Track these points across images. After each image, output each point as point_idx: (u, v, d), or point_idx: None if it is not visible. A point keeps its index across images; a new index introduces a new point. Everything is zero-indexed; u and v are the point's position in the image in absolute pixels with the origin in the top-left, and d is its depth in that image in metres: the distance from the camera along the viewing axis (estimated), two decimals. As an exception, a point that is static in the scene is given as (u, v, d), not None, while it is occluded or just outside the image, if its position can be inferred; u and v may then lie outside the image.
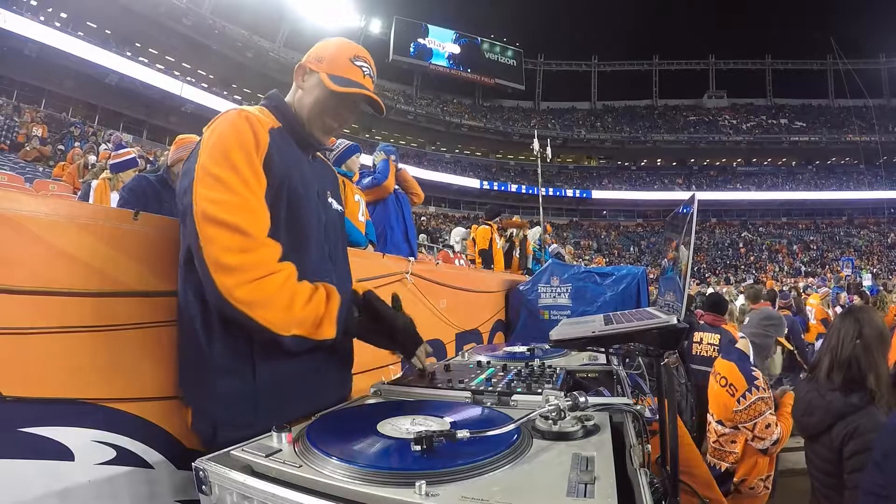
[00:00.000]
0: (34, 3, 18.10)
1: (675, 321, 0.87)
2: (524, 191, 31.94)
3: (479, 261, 5.83)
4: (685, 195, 1.05)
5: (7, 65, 16.55)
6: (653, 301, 2.83)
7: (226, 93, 23.94)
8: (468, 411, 0.87)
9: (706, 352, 3.76)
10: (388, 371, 1.98)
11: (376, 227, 3.23)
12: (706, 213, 33.81)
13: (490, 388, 1.00)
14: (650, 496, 0.61)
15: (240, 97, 25.10)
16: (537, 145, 7.85)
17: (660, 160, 36.47)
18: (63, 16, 19.12)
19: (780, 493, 2.50)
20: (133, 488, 0.94)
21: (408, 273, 2.31)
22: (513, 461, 0.63)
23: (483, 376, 1.12)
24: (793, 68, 37.53)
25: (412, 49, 33.00)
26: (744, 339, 2.63)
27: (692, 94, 38.36)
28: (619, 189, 34.38)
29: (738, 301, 8.07)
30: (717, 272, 25.95)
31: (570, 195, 33.31)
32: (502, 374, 1.15)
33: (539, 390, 0.95)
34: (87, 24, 19.80)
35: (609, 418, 0.81)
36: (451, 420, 0.80)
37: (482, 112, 35.22)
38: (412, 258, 2.66)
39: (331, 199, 1.22)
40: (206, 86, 23.12)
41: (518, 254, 6.55)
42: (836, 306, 7.67)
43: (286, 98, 1.17)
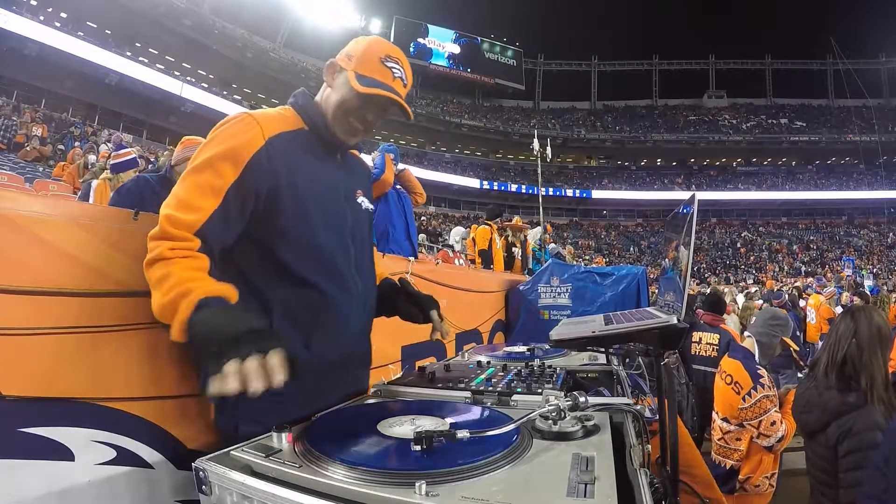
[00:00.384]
0: (34, 3, 18.11)
1: (676, 321, 0.87)
2: (524, 191, 31.95)
3: (478, 261, 5.83)
4: (685, 195, 1.05)
5: (7, 65, 16.54)
6: (653, 301, 2.83)
7: (226, 93, 23.93)
8: (468, 411, 0.87)
9: (706, 351, 3.76)
10: (388, 371, 1.98)
11: (378, 225, 3.24)
12: (706, 213, 33.81)
13: (490, 389, 1.00)
14: (650, 496, 0.61)
15: (240, 97, 25.10)
16: (537, 145, 7.86)
17: (660, 160, 36.47)
18: (63, 16, 19.12)
19: (780, 492, 2.49)
20: (133, 488, 0.94)
21: (408, 273, 2.31)
22: (513, 461, 0.63)
23: (483, 376, 1.12)
24: (793, 68, 37.55)
25: (412, 49, 32.99)
26: (749, 338, 2.64)
27: (692, 93, 38.38)
28: (619, 189, 34.37)
29: (739, 298, 8.09)
30: (717, 272, 25.96)
31: (570, 195, 33.32)
32: (502, 374, 1.15)
33: (539, 390, 0.95)
34: (87, 24, 19.80)
35: (609, 418, 0.81)
36: (451, 420, 0.80)
37: (482, 112, 35.22)
38: (413, 258, 2.67)
39: (361, 198, 1.19)
40: (206, 86, 23.11)
41: (520, 256, 6.55)
42: (838, 306, 7.68)
43: (316, 97, 1.13)
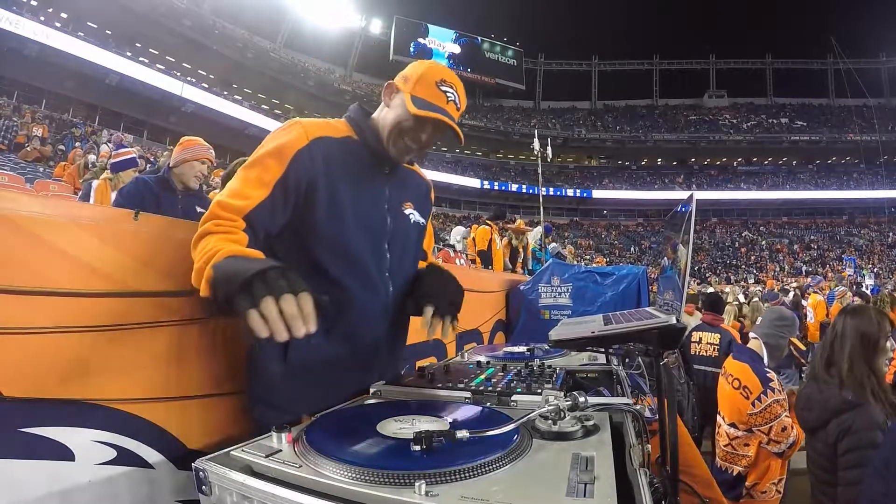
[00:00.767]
0: (34, 3, 18.12)
1: (675, 320, 0.87)
2: (524, 190, 31.95)
3: (478, 261, 5.83)
4: (685, 195, 1.05)
5: (7, 65, 16.55)
6: (653, 301, 2.82)
7: (226, 93, 23.94)
8: (468, 411, 0.87)
9: (705, 351, 3.76)
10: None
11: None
12: (706, 213, 33.80)
13: (490, 389, 1.00)
14: (650, 496, 0.61)
15: (240, 97, 25.10)
16: (538, 145, 7.85)
17: (660, 160, 36.46)
18: (63, 16, 19.13)
19: (783, 493, 2.47)
20: (133, 488, 0.94)
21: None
22: (512, 461, 0.63)
23: (483, 376, 1.12)
24: (793, 68, 37.54)
25: (412, 49, 33.01)
26: (756, 339, 2.51)
27: (692, 93, 38.38)
28: (620, 189, 34.37)
29: (741, 298, 8.09)
30: (718, 272, 25.95)
31: (571, 195, 33.31)
32: (502, 374, 1.15)
33: (539, 390, 0.95)
34: (87, 24, 19.82)
35: (609, 418, 0.81)
36: (451, 420, 0.80)
37: (482, 112, 35.21)
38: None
39: (411, 210, 1.23)
40: (207, 86, 23.12)
41: (521, 259, 6.56)
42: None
43: (374, 114, 1.19)
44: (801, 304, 8.00)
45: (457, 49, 35.01)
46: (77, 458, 0.87)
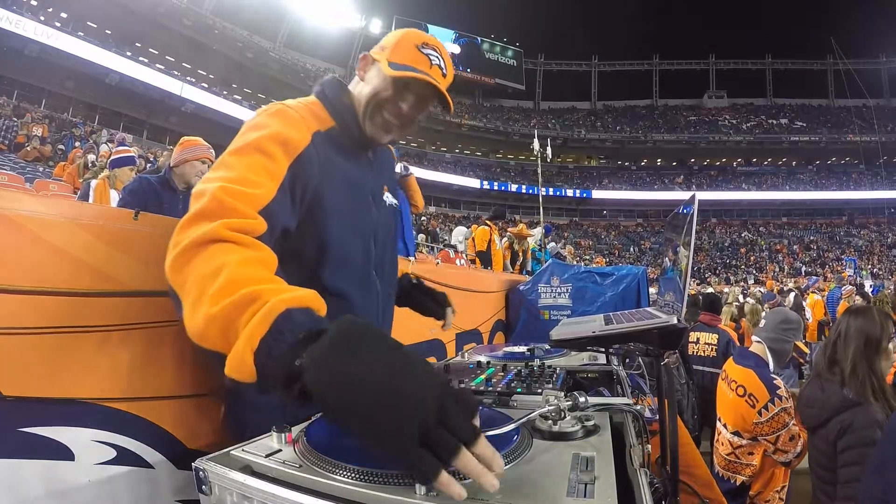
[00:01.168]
0: (34, 3, 18.11)
1: (676, 321, 0.87)
2: (524, 190, 31.96)
3: (478, 261, 5.83)
4: (685, 195, 1.05)
5: (7, 65, 16.55)
6: (653, 301, 2.82)
7: (226, 93, 23.93)
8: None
9: (704, 351, 3.77)
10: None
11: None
12: (706, 213, 33.81)
13: (490, 389, 1.00)
14: (650, 496, 0.61)
15: (240, 97, 25.08)
16: (537, 145, 7.87)
17: (660, 160, 36.48)
18: (63, 16, 19.13)
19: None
20: (133, 488, 0.94)
21: (408, 273, 2.30)
22: (513, 461, 0.63)
23: (483, 376, 1.12)
24: (793, 68, 37.57)
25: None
26: (759, 343, 2.39)
27: (692, 94, 38.40)
28: (619, 189, 34.38)
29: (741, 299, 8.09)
30: (718, 272, 25.96)
31: (570, 195, 33.32)
32: (502, 374, 1.15)
33: (539, 390, 0.95)
34: (87, 24, 19.81)
35: (609, 418, 0.81)
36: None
37: (482, 112, 35.22)
38: (412, 258, 2.66)
39: (387, 194, 1.14)
40: (207, 86, 23.12)
41: (520, 262, 6.56)
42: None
43: (350, 87, 1.05)
44: (802, 305, 8.01)
45: (457, 49, 34.99)
46: (77, 458, 0.87)
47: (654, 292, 2.69)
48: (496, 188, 32.03)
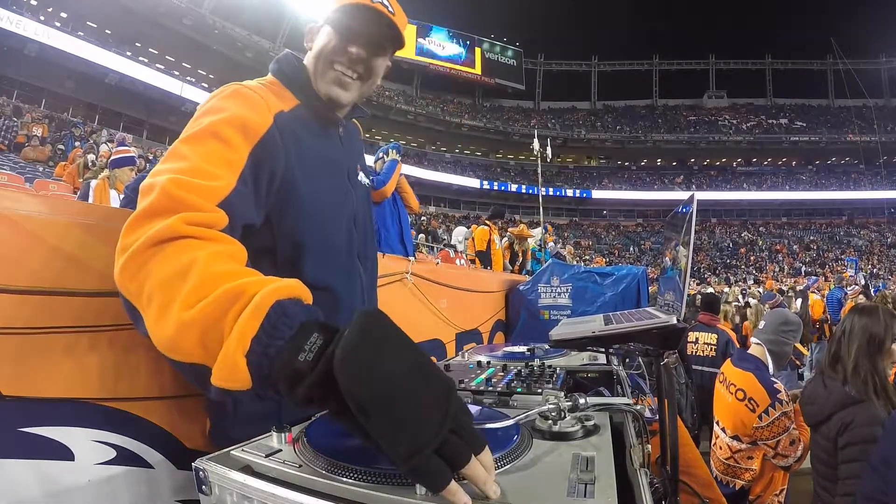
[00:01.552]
0: (34, 3, 18.10)
1: (675, 321, 0.87)
2: (524, 190, 31.96)
3: (478, 261, 5.82)
4: (685, 195, 1.05)
5: (7, 65, 16.55)
6: (653, 301, 2.82)
7: (226, 93, 23.93)
8: (468, 411, 0.86)
9: (702, 351, 3.78)
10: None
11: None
12: (706, 213, 33.82)
13: (490, 388, 1.00)
14: (650, 496, 0.61)
15: (240, 97, 25.08)
16: (537, 145, 7.88)
17: (660, 160, 36.49)
18: (63, 16, 19.11)
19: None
20: (133, 488, 0.94)
21: (408, 273, 2.31)
22: (513, 461, 0.63)
23: (483, 376, 1.12)
24: (793, 68, 37.60)
25: (416, 50, 33.00)
26: (759, 345, 2.35)
27: (692, 94, 38.42)
28: (619, 189, 34.39)
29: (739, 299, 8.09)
30: (718, 272, 25.96)
31: (570, 195, 33.33)
32: (502, 374, 1.15)
33: (539, 390, 0.95)
34: (87, 24, 19.80)
35: (609, 418, 0.81)
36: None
37: (482, 112, 35.23)
38: (412, 258, 2.67)
39: (360, 173, 1.07)
40: (206, 86, 23.12)
41: (519, 263, 6.56)
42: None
43: (304, 60, 0.99)
44: (808, 312, 7.96)
45: (457, 49, 35.00)
46: (76, 458, 0.87)
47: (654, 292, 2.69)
48: (496, 188, 32.03)
